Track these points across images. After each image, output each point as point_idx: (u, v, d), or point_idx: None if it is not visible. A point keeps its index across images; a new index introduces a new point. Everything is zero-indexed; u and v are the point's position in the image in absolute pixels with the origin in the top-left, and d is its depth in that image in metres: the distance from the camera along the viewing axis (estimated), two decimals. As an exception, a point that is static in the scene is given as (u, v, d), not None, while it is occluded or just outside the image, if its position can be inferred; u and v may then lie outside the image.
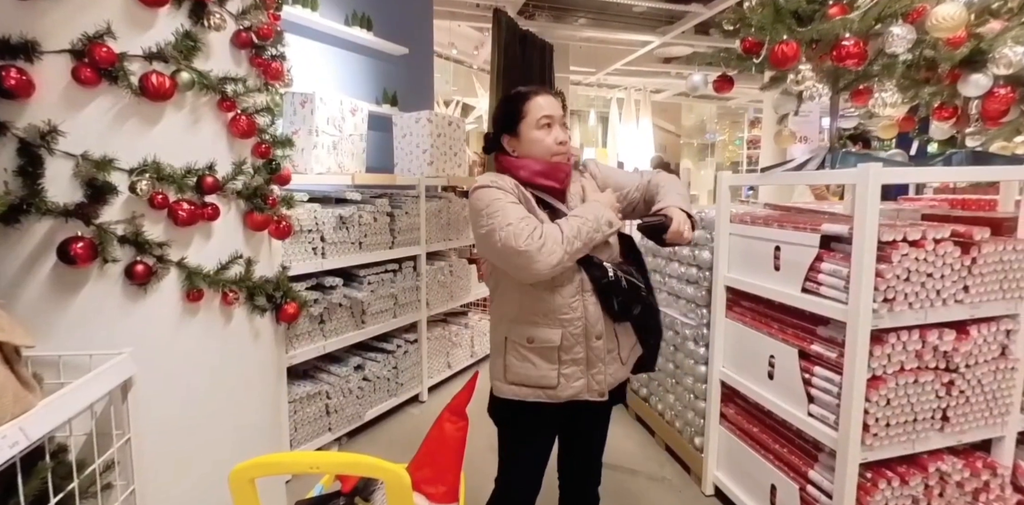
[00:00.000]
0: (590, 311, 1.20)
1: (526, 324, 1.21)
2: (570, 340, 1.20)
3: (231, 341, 1.49)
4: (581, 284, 1.19)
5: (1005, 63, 1.23)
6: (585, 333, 1.20)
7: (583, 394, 1.22)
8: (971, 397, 1.39)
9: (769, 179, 1.78)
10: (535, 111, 1.22)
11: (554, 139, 1.22)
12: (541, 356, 1.20)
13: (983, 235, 1.32)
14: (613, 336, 1.25)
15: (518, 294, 1.22)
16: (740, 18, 1.53)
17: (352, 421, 2.37)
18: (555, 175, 1.22)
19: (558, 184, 1.23)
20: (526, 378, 1.21)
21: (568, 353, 1.20)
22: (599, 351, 1.22)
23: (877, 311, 1.27)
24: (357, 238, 2.33)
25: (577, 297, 1.19)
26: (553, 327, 1.19)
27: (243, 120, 1.43)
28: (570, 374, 1.21)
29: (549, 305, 1.18)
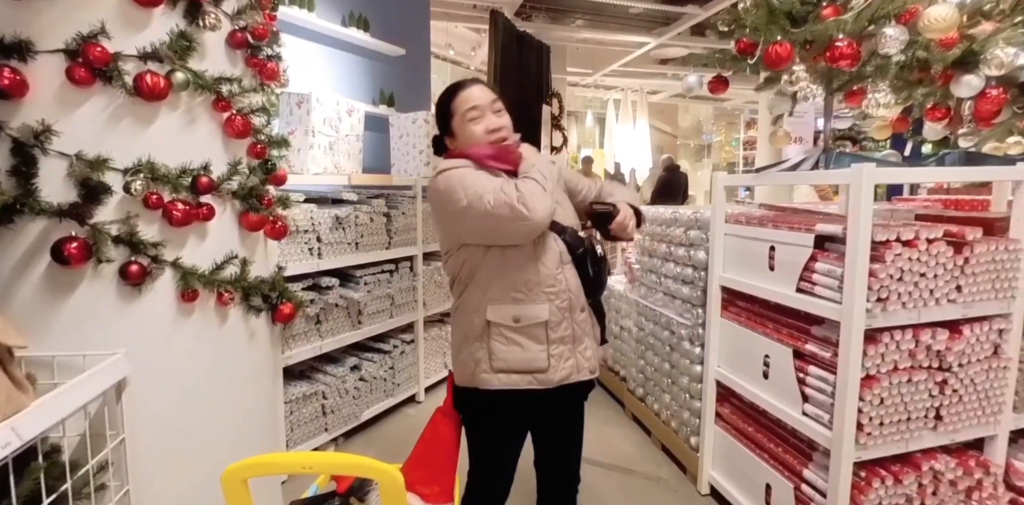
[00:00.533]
0: (572, 283, 1.20)
1: (510, 303, 1.17)
2: (557, 315, 1.18)
3: (226, 341, 1.49)
4: (560, 256, 1.19)
5: (997, 64, 1.24)
6: (570, 307, 1.20)
7: (574, 375, 1.21)
8: (964, 396, 1.40)
9: (764, 179, 1.79)
10: (460, 105, 1.21)
11: (484, 128, 1.20)
12: (528, 336, 1.17)
13: (975, 235, 1.33)
14: (590, 312, 1.26)
15: (500, 272, 1.18)
16: (735, 19, 1.54)
17: (348, 421, 2.37)
18: (507, 157, 1.21)
19: (511, 166, 1.21)
20: (516, 363, 1.17)
21: (556, 330, 1.18)
22: (584, 325, 1.22)
23: (871, 311, 1.28)
24: (353, 238, 2.33)
25: (559, 269, 1.19)
26: (539, 302, 1.17)
27: (238, 120, 1.43)
28: (559, 354, 1.19)
29: (535, 277, 1.17)
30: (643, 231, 2.45)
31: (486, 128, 1.20)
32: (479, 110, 1.21)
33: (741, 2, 1.52)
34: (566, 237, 1.20)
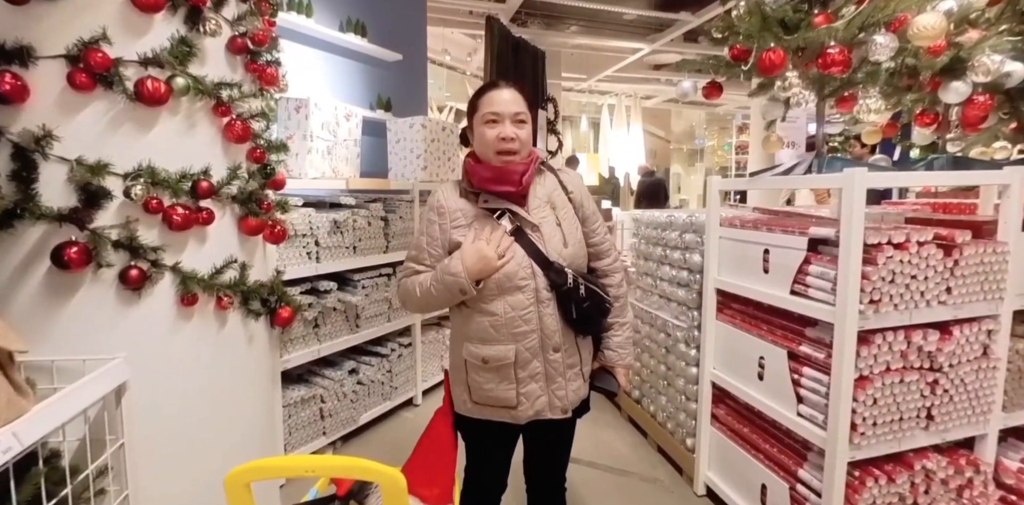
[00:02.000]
0: (546, 322, 1.15)
1: (479, 343, 1.17)
2: (526, 355, 1.15)
3: (225, 346, 1.49)
4: (536, 293, 1.14)
5: (983, 71, 1.27)
6: (542, 346, 1.16)
7: (545, 412, 1.19)
8: (955, 396, 1.42)
9: (758, 184, 1.81)
10: (484, 106, 1.18)
11: (497, 134, 1.16)
12: (498, 375, 1.16)
13: (964, 238, 1.36)
14: (575, 350, 1.21)
15: (470, 310, 1.19)
16: (729, 26, 1.57)
17: (346, 425, 2.37)
18: (507, 179, 1.16)
19: (512, 187, 1.16)
20: (490, 399, 1.18)
21: (525, 369, 1.16)
22: (558, 365, 1.18)
23: (863, 312, 1.30)
24: (351, 242, 2.33)
25: (531, 308, 1.14)
26: (506, 343, 1.15)
27: (238, 125, 1.44)
28: (529, 392, 1.17)
29: (499, 320, 1.14)
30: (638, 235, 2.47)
31: (498, 134, 1.16)
32: (499, 116, 1.17)
33: (735, 9, 1.55)
34: (550, 273, 1.15)
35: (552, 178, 1.27)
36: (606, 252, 1.30)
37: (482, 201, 1.19)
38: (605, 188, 9.15)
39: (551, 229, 1.18)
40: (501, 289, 1.14)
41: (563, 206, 1.23)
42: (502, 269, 1.13)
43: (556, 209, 1.21)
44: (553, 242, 1.17)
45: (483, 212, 1.19)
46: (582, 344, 1.24)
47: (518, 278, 1.14)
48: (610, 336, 1.29)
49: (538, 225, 1.17)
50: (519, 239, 1.15)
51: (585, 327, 1.21)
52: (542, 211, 1.20)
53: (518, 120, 1.17)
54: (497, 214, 1.18)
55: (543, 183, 1.24)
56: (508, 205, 1.18)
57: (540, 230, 1.17)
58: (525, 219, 1.17)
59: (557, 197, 1.23)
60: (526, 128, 1.19)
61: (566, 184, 1.27)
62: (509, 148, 1.16)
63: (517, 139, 1.16)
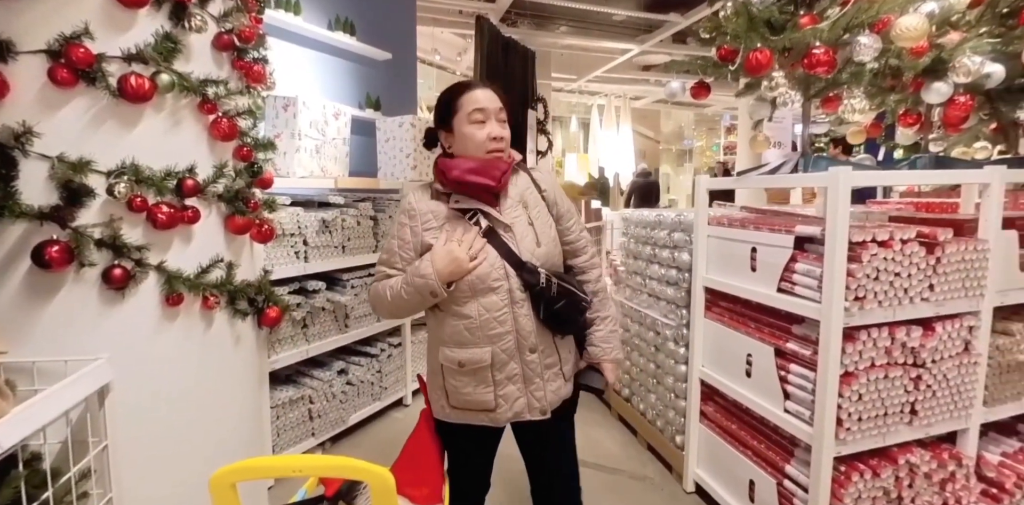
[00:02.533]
0: (521, 323, 1.14)
1: (454, 346, 1.15)
2: (502, 357, 1.14)
3: (211, 346, 1.47)
4: (510, 294, 1.13)
5: (964, 72, 1.29)
6: (518, 347, 1.15)
7: (524, 414, 1.17)
8: (937, 391, 1.45)
9: (745, 183, 1.83)
10: (468, 104, 1.15)
11: (487, 134, 1.14)
12: (475, 378, 1.15)
13: (946, 236, 1.38)
14: (553, 349, 1.20)
15: (444, 314, 1.17)
16: (716, 27, 1.58)
17: (336, 426, 2.35)
18: (489, 172, 1.13)
19: (493, 182, 1.13)
20: (468, 403, 1.17)
21: (501, 371, 1.14)
22: (535, 365, 1.16)
23: (849, 309, 1.32)
24: (340, 242, 2.32)
25: (506, 309, 1.13)
26: (482, 346, 1.13)
27: (224, 123, 1.42)
28: (508, 394, 1.16)
29: (474, 323, 1.13)
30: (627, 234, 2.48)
31: (489, 134, 1.15)
32: (484, 114, 1.15)
33: (722, 10, 1.56)
34: (523, 273, 1.13)
35: (524, 177, 1.26)
36: (582, 249, 1.30)
37: (453, 202, 1.17)
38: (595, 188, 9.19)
39: (523, 229, 1.17)
40: (474, 291, 1.12)
41: (536, 204, 1.21)
42: (475, 271, 1.12)
43: (528, 208, 1.20)
44: (526, 242, 1.16)
45: (455, 213, 1.17)
46: (560, 344, 1.22)
47: (491, 279, 1.12)
48: (592, 332, 1.28)
49: (510, 225, 1.16)
50: (491, 240, 1.14)
51: (561, 326, 1.20)
52: (514, 211, 1.18)
53: (501, 119, 1.17)
54: (469, 215, 1.16)
55: (515, 183, 1.23)
56: (480, 205, 1.16)
57: (512, 230, 1.16)
58: (497, 219, 1.16)
59: (530, 196, 1.22)
60: (507, 127, 1.19)
61: (539, 182, 1.26)
62: (497, 147, 1.16)
63: (504, 138, 1.16)
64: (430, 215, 1.18)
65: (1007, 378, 1.57)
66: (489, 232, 1.15)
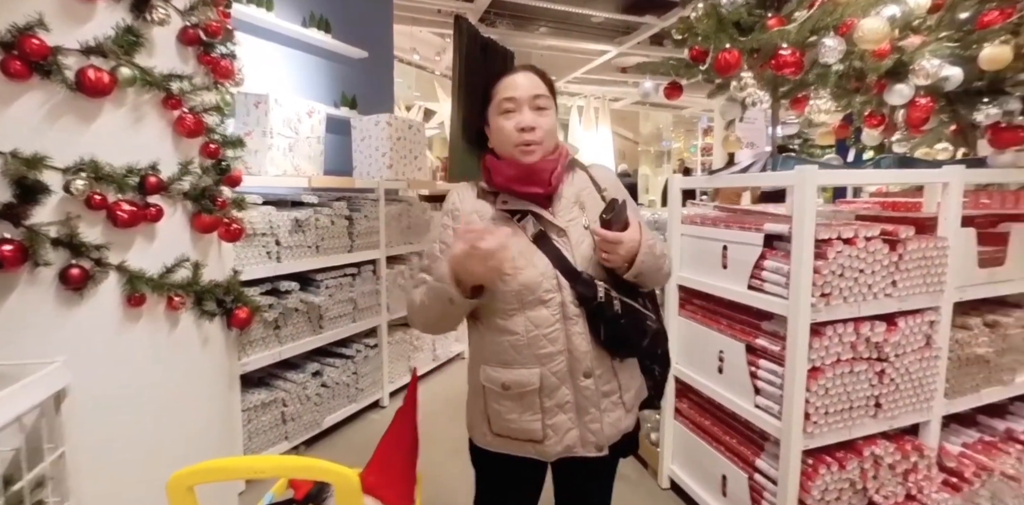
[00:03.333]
0: (575, 342, 0.99)
1: (499, 366, 1.02)
2: (552, 380, 1.00)
3: (177, 348, 1.44)
4: (562, 308, 0.99)
5: (924, 74, 1.33)
6: (570, 370, 1.00)
7: (577, 448, 1.02)
8: (900, 384, 1.48)
9: (716, 182, 1.86)
10: (499, 93, 1.02)
11: (515, 125, 1.00)
12: (521, 403, 1.01)
13: (908, 233, 1.42)
14: (612, 375, 1.04)
15: (486, 328, 1.04)
16: (688, 28, 1.61)
17: (310, 429, 2.31)
18: (535, 178, 1.01)
19: (541, 189, 1.01)
20: (513, 431, 1.03)
21: (552, 397, 1.00)
22: (590, 393, 1.01)
23: (815, 305, 1.35)
24: (314, 241, 2.28)
25: (558, 325, 0.99)
26: (530, 366, 0.99)
27: (190, 119, 1.39)
28: (558, 425, 1.01)
29: (523, 339, 0.99)
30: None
31: (517, 124, 1.00)
32: (515, 102, 1.00)
33: (693, 11, 1.58)
34: (578, 285, 0.98)
35: (582, 175, 1.11)
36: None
37: (500, 202, 1.04)
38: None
39: (580, 233, 1.02)
40: (522, 303, 0.99)
41: (595, 206, 1.05)
42: (523, 279, 0.98)
43: (586, 210, 1.05)
44: (582, 248, 1.01)
45: (502, 214, 1.04)
46: (620, 368, 1.05)
47: (541, 290, 0.98)
48: None
49: (564, 229, 1.02)
50: (542, 245, 1.00)
51: (620, 349, 1.04)
52: (569, 213, 1.04)
53: (537, 107, 1.01)
54: (518, 217, 1.03)
55: (571, 182, 1.08)
56: (530, 206, 1.03)
57: (567, 234, 1.01)
58: (550, 222, 1.02)
59: (587, 196, 1.07)
60: (548, 115, 1.03)
61: (599, 181, 1.10)
62: (530, 140, 1.00)
63: (538, 128, 1.00)
64: (475, 216, 1.05)
65: (966, 371, 1.63)
66: (540, 236, 1.01)
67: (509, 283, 0.98)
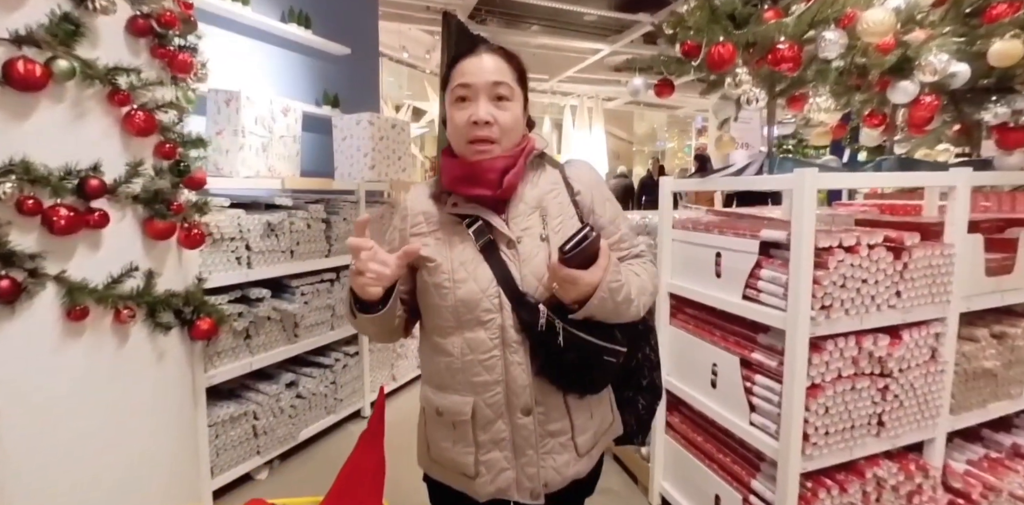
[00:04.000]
0: (513, 373, 0.87)
1: (435, 388, 0.93)
2: (486, 413, 0.88)
3: (127, 364, 1.33)
4: (502, 333, 0.86)
5: (931, 70, 1.24)
6: (508, 404, 0.88)
7: (511, 492, 0.90)
8: (904, 401, 1.40)
9: (710, 185, 1.76)
10: (454, 78, 0.88)
11: (467, 118, 0.85)
12: (455, 433, 0.91)
13: (913, 240, 1.33)
14: (562, 412, 0.91)
15: (426, 344, 0.95)
16: (679, 21, 1.51)
17: (284, 442, 2.20)
18: (481, 179, 0.87)
19: (488, 191, 0.87)
20: (444, 459, 0.94)
21: (486, 431, 0.89)
22: (528, 432, 0.89)
23: (815, 318, 1.25)
24: (288, 246, 2.17)
25: (495, 352, 0.87)
26: (463, 394, 0.89)
27: (140, 116, 1.28)
28: (492, 462, 0.90)
29: (455, 362, 0.88)
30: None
31: (469, 117, 0.85)
32: (470, 90, 0.86)
33: (685, 4, 1.49)
34: (520, 309, 0.85)
35: (552, 175, 0.95)
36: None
37: (451, 204, 0.91)
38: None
39: (532, 246, 0.87)
40: (459, 321, 0.87)
41: (561, 212, 0.91)
42: (461, 294, 0.86)
43: (548, 217, 0.90)
44: (532, 264, 0.86)
45: (451, 218, 0.91)
46: (577, 406, 0.92)
47: (480, 309, 0.85)
48: None
49: (515, 240, 0.87)
50: (489, 257, 0.87)
51: (569, 385, 0.90)
52: (526, 220, 0.89)
53: (498, 96, 0.86)
54: (468, 222, 0.89)
55: (536, 182, 0.92)
56: (481, 211, 0.89)
57: (517, 247, 0.87)
58: (499, 231, 0.88)
59: (553, 201, 0.91)
60: (511, 108, 0.87)
61: (573, 181, 0.94)
62: (483, 136, 0.85)
63: (495, 123, 0.85)
64: (421, 217, 0.93)
65: (972, 385, 1.54)
66: (488, 247, 0.87)
67: (447, 298, 0.87)
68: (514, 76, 0.89)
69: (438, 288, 0.88)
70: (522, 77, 0.92)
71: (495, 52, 0.89)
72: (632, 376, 1.00)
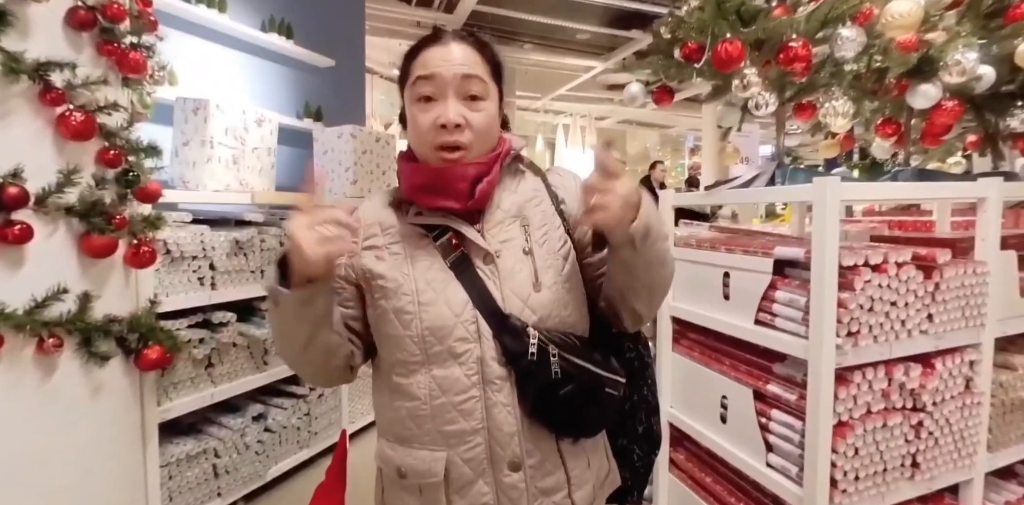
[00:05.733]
0: (497, 418, 0.71)
1: (396, 442, 0.76)
2: (463, 471, 0.72)
3: (54, 400, 1.15)
4: (481, 367, 0.71)
5: (959, 70, 1.13)
6: (491, 458, 0.72)
7: None
8: (940, 438, 1.24)
9: (715, 198, 1.64)
10: (414, 70, 0.74)
11: (433, 120, 0.72)
12: (422, 501, 0.74)
13: (945, 257, 1.20)
14: (556, 463, 0.75)
15: (384, 385, 0.78)
16: (678, 23, 1.40)
17: (250, 482, 2.00)
18: (448, 189, 0.74)
19: (457, 203, 0.74)
20: None
21: (464, 495, 0.72)
22: (516, 493, 0.72)
23: (841, 346, 1.11)
24: (258, 265, 2.01)
25: (474, 392, 0.71)
26: (434, 448, 0.72)
27: (76, 117, 1.14)
28: None
29: (422, 408, 0.72)
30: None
31: (436, 119, 0.72)
32: (435, 84, 0.72)
33: (685, 5, 1.38)
34: (503, 335, 0.71)
35: (534, 181, 0.84)
36: None
37: (413, 214, 0.78)
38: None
39: (515, 260, 0.75)
40: (427, 355, 0.72)
41: (544, 224, 0.79)
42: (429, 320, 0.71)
43: (531, 228, 0.78)
44: (515, 282, 0.74)
45: (414, 230, 0.77)
46: (572, 454, 0.77)
47: (453, 339, 0.71)
48: None
49: (494, 254, 0.75)
50: (462, 275, 0.74)
51: (566, 426, 0.75)
52: (504, 231, 0.77)
53: (469, 94, 0.73)
54: (436, 233, 0.76)
55: (515, 188, 0.81)
56: (450, 220, 0.76)
57: (496, 261, 0.74)
58: (474, 243, 0.75)
59: (535, 210, 0.80)
60: (485, 107, 0.75)
61: (556, 189, 0.83)
62: (451, 142, 0.73)
63: (467, 126, 0.73)
64: (376, 228, 0.79)
65: (1010, 418, 1.39)
66: (460, 263, 0.74)
67: (411, 325, 0.72)
68: (487, 68, 0.77)
69: (399, 314, 0.72)
70: (496, 70, 0.79)
71: (463, 40, 0.76)
72: (627, 421, 0.85)
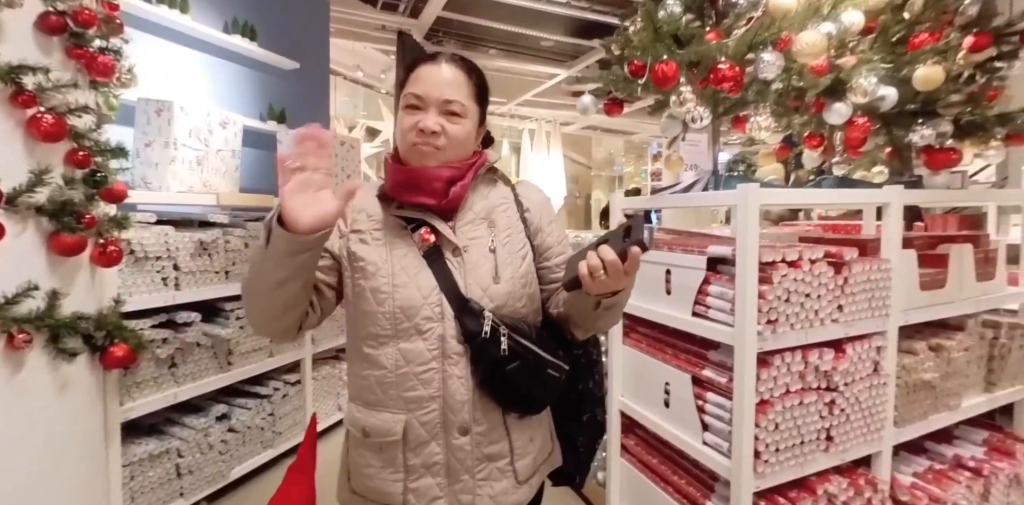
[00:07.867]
0: (451, 388, 0.83)
1: (363, 406, 0.87)
2: (419, 432, 0.83)
3: (22, 395, 1.18)
4: (442, 343, 0.83)
5: (861, 92, 1.30)
6: (444, 423, 0.84)
7: None
8: (851, 415, 1.40)
9: (658, 202, 1.78)
10: (409, 83, 0.88)
11: (414, 123, 0.85)
12: (381, 457, 0.85)
13: (852, 255, 1.37)
14: (502, 433, 0.87)
15: (355, 356, 0.89)
16: (626, 42, 1.54)
17: (213, 482, 2.01)
18: (425, 187, 0.85)
19: (432, 200, 0.85)
20: (369, 490, 0.87)
21: (418, 454, 0.84)
22: (464, 454, 0.84)
23: (762, 333, 1.25)
24: (222, 266, 2.03)
25: (434, 364, 0.83)
26: (395, 411, 0.84)
27: (47, 119, 1.17)
28: (423, 490, 0.84)
29: (388, 376, 0.83)
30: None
31: (416, 123, 0.84)
32: (423, 101, 0.86)
33: (632, 24, 1.52)
34: (463, 316, 0.83)
35: (503, 191, 0.96)
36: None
37: (396, 206, 0.90)
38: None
39: (479, 255, 0.87)
40: (396, 330, 0.83)
41: (508, 227, 0.92)
42: (401, 300, 0.82)
43: (496, 229, 0.91)
44: (478, 273, 0.86)
45: (396, 221, 0.89)
46: (517, 427, 0.89)
47: (420, 317, 0.82)
48: None
49: (463, 248, 0.87)
50: (433, 263, 0.85)
51: (511, 401, 0.87)
52: (474, 229, 0.90)
53: (449, 112, 0.86)
54: (413, 226, 0.88)
55: (486, 195, 0.94)
56: (427, 216, 0.88)
57: (463, 255, 0.86)
58: (445, 237, 0.87)
59: (502, 215, 0.93)
60: (462, 123, 0.87)
61: (522, 199, 0.96)
62: (428, 145, 0.85)
63: (443, 133, 0.85)
64: (363, 215, 0.90)
65: (914, 397, 1.57)
66: (432, 253, 0.86)
67: (384, 303, 0.83)
68: (471, 91, 0.89)
69: (375, 292, 0.84)
70: (481, 93, 0.92)
71: (456, 63, 0.89)
72: (572, 409, 0.97)
